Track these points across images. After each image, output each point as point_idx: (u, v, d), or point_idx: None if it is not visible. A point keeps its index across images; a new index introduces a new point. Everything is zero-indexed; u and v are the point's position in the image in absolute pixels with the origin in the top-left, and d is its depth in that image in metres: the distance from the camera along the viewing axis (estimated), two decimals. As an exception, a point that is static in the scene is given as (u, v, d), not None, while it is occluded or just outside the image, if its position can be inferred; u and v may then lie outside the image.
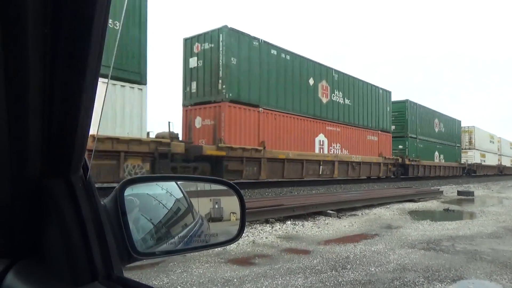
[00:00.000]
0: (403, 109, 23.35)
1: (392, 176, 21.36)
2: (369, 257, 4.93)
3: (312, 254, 5.11)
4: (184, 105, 13.47)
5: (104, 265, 0.64)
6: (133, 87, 9.88)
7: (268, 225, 7.25)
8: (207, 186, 1.13)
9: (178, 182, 1.03)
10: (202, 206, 1.06)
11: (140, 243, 0.79)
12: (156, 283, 3.74)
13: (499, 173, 40.63)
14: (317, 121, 15.99)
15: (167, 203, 0.95)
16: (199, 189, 1.11)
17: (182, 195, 0.99)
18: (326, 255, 5.05)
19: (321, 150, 16.33)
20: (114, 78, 9.25)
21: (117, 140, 9.17)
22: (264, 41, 13.64)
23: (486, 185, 23.52)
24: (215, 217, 1.04)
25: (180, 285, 3.71)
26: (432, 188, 17.85)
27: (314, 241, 6.02)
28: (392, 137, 21.84)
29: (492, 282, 4.02)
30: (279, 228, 6.99)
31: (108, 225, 0.70)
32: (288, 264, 4.55)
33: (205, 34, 12.77)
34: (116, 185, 0.79)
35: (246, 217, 1.07)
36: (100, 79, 0.58)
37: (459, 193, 15.98)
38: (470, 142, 34.53)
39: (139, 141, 9.75)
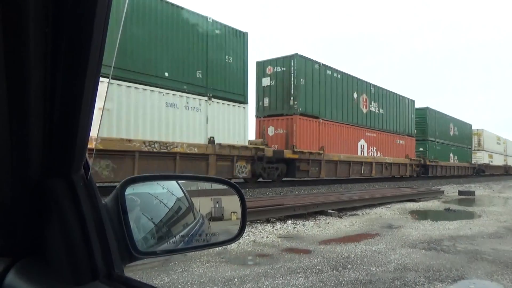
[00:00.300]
0: (424, 116, 26.34)
1: (415, 176, 24.16)
2: (370, 257, 4.92)
3: (312, 254, 5.11)
4: (257, 116, 16.66)
5: (105, 264, 0.65)
6: (239, 106, 13.01)
7: (269, 224, 7.25)
8: (208, 186, 1.13)
9: (179, 181, 1.04)
10: (203, 205, 1.06)
11: (141, 242, 0.79)
12: (157, 282, 3.75)
13: (505, 173, 42.84)
14: (359, 128, 19.28)
15: (168, 202, 0.95)
16: (200, 188, 1.11)
17: (183, 194, 0.99)
18: (327, 254, 5.04)
19: (362, 153, 19.54)
20: (226, 99, 12.43)
21: (233, 147, 12.34)
22: (323, 64, 16.92)
23: (487, 185, 23.49)
24: (216, 217, 1.04)
25: (181, 285, 3.72)
26: (433, 188, 17.85)
27: (314, 241, 6.02)
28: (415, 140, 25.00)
29: (493, 282, 4.01)
30: (280, 228, 6.99)
31: (109, 224, 0.70)
32: (288, 263, 4.55)
33: (277, 59, 16.15)
34: (117, 184, 0.79)
35: (247, 217, 1.07)
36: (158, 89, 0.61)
37: (460, 193, 15.97)
38: (479, 144, 37.36)
39: (245, 148, 12.97)
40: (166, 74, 10.70)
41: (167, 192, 0.96)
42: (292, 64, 15.57)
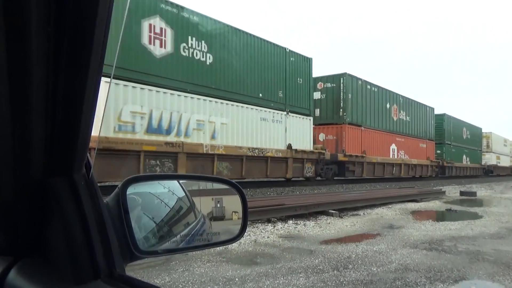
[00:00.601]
0: (441, 121, 29.43)
1: (434, 176, 27.40)
2: (371, 257, 4.92)
3: (313, 254, 5.10)
4: (309, 125, 20.26)
5: (106, 263, 0.65)
6: (306, 118, 16.35)
7: (270, 224, 7.25)
8: (209, 185, 1.13)
9: (180, 181, 1.04)
10: (204, 205, 1.06)
11: (142, 242, 0.79)
12: (158, 282, 3.75)
13: (511, 173, 45.35)
14: (391, 134, 22.64)
15: (169, 202, 0.95)
16: (201, 188, 1.11)
17: (184, 194, 0.99)
18: (328, 254, 5.04)
19: (393, 155, 22.92)
20: (298, 113, 15.76)
21: (303, 151, 15.76)
22: (364, 80, 20.51)
23: (489, 186, 23.44)
24: (217, 216, 1.04)
25: (181, 284, 3.72)
26: (434, 188, 17.84)
27: (316, 241, 6.01)
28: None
29: (494, 283, 4.00)
30: (281, 228, 6.99)
31: (111, 223, 0.70)
32: (289, 263, 4.55)
33: (327, 76, 19.57)
34: (118, 183, 0.79)
35: (248, 216, 1.07)
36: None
37: (461, 193, 15.93)
38: (487, 146, 40.27)
39: (312, 152, 16.26)
40: (260, 95, 14.10)
41: (168, 191, 0.96)
42: (342, 81, 19.15)
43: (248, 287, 3.70)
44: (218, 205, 1.06)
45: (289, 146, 15.00)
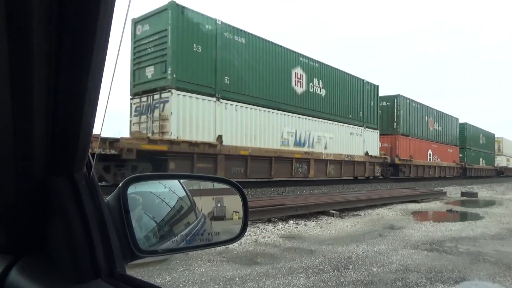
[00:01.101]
0: (463, 129, 34.12)
1: (457, 176, 32.35)
2: (372, 258, 4.92)
3: (314, 254, 5.10)
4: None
5: (107, 262, 0.65)
6: (375, 131, 21.75)
7: (270, 224, 7.25)
8: (210, 185, 1.13)
9: (181, 181, 1.04)
10: (205, 204, 1.06)
11: (142, 241, 0.79)
12: (159, 281, 3.75)
13: None
14: (428, 142, 27.51)
15: (170, 202, 0.95)
16: (202, 187, 1.11)
17: (185, 193, 0.99)
18: (328, 255, 5.04)
19: (430, 159, 27.87)
20: (371, 128, 21.23)
21: (375, 157, 21.21)
22: (410, 99, 25.51)
23: (490, 186, 23.40)
24: (218, 216, 1.04)
25: (182, 284, 3.72)
26: (435, 189, 17.82)
27: (316, 241, 6.01)
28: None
29: (495, 284, 4.00)
30: (282, 228, 6.99)
31: (111, 222, 0.70)
32: (290, 263, 4.55)
33: (384, 97, 23.81)
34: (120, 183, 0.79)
35: (249, 216, 1.07)
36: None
37: (462, 194, 15.92)
38: (499, 149, 44.89)
39: (380, 157, 21.63)
40: (350, 116, 19.62)
41: (169, 191, 0.96)
42: (396, 101, 24.25)
43: (249, 287, 3.70)
44: (219, 205, 1.06)
45: (366, 153, 20.69)
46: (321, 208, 8.89)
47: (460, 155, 33.32)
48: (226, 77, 12.87)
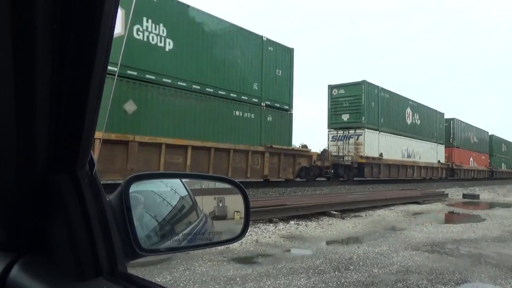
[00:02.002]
0: (491, 140, 42.89)
1: (486, 177, 39.80)
2: (373, 259, 4.91)
3: (315, 255, 5.10)
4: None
5: (108, 260, 0.65)
6: (440, 144, 31.26)
7: (271, 224, 7.25)
8: (211, 184, 1.13)
9: (183, 180, 1.04)
10: (206, 204, 1.06)
11: (144, 240, 0.79)
12: (160, 280, 3.76)
13: None
14: (470, 152, 36.39)
15: (171, 201, 0.95)
16: (203, 187, 1.11)
17: (186, 192, 0.99)
18: (329, 255, 5.04)
19: (471, 164, 36.74)
20: (437, 143, 30.90)
21: (442, 163, 31.13)
22: (464, 122, 35.70)
23: (492, 189, 23.34)
24: (219, 216, 1.04)
25: (183, 283, 3.72)
26: (437, 190, 17.78)
27: (317, 242, 6.01)
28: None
29: (496, 286, 3.99)
30: (283, 228, 6.98)
31: (113, 221, 0.70)
32: (291, 263, 4.55)
33: (447, 119, 32.65)
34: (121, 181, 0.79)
35: (250, 216, 1.07)
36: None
37: (464, 196, 15.88)
38: None
39: (442, 163, 31.10)
40: (430, 135, 29.26)
41: (170, 190, 0.96)
42: (452, 123, 33.10)
43: (249, 287, 3.70)
44: (220, 205, 1.06)
45: (439, 161, 30.16)
46: (322, 209, 8.88)
47: (488, 161, 42.16)
48: (382, 119, 23.53)
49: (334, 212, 8.80)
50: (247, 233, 1.04)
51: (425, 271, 4.36)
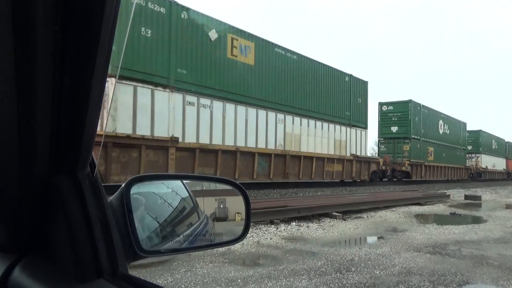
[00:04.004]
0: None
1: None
2: (374, 260, 4.90)
3: (316, 256, 5.09)
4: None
5: (109, 262, 0.65)
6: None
7: (273, 226, 7.24)
8: (212, 186, 1.13)
9: (184, 181, 1.04)
10: (207, 205, 1.06)
11: (145, 241, 0.79)
12: (161, 282, 3.76)
13: None
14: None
15: (172, 202, 0.95)
16: (204, 188, 1.11)
17: (187, 194, 0.99)
18: (331, 257, 5.03)
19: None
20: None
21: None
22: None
23: (494, 190, 23.28)
24: (220, 217, 1.04)
25: (184, 284, 3.72)
26: (438, 191, 17.75)
27: (318, 243, 6.00)
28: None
29: (498, 288, 3.97)
30: (284, 229, 6.98)
31: (114, 222, 0.70)
32: (292, 265, 4.54)
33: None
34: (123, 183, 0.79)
35: (251, 217, 1.07)
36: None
37: (466, 197, 15.83)
38: None
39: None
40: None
41: (172, 191, 0.96)
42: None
43: (251, 288, 3.70)
44: (221, 206, 1.06)
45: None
46: (323, 210, 8.87)
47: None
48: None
49: (336, 213, 8.79)
50: (248, 235, 1.04)
51: (427, 273, 4.35)
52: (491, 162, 41.77)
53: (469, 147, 37.13)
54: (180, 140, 11.48)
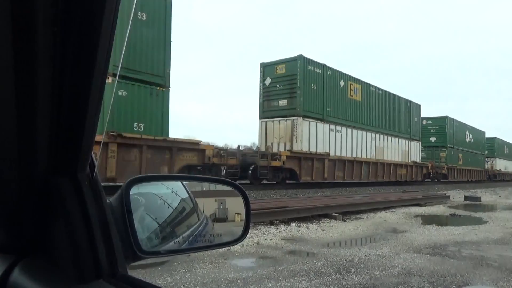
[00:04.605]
0: None
1: None
2: (374, 261, 4.90)
3: (316, 257, 5.09)
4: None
5: (109, 263, 0.65)
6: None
7: (272, 226, 7.24)
8: (212, 187, 1.13)
9: (184, 182, 1.04)
10: (207, 206, 1.06)
11: (145, 242, 0.79)
12: (160, 282, 3.76)
13: None
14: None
15: (172, 203, 0.95)
16: (204, 189, 1.11)
17: (187, 195, 0.99)
18: (331, 258, 5.02)
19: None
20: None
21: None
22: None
23: (494, 191, 23.29)
24: (220, 218, 1.04)
25: (183, 285, 3.72)
26: (438, 192, 17.75)
27: (318, 244, 6.00)
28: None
29: (498, 289, 3.97)
30: (284, 230, 6.97)
31: (114, 223, 0.70)
32: (292, 266, 4.54)
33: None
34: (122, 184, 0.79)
35: (251, 218, 1.07)
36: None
37: (466, 198, 15.84)
38: None
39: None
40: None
41: (171, 192, 0.96)
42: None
43: (250, 289, 3.69)
44: (221, 207, 1.06)
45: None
46: (323, 211, 8.87)
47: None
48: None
49: (335, 214, 8.79)
50: (248, 235, 1.04)
51: (427, 274, 4.35)
52: (504, 165, 47.29)
53: (486, 152, 41.71)
54: (332, 154, 19.08)
